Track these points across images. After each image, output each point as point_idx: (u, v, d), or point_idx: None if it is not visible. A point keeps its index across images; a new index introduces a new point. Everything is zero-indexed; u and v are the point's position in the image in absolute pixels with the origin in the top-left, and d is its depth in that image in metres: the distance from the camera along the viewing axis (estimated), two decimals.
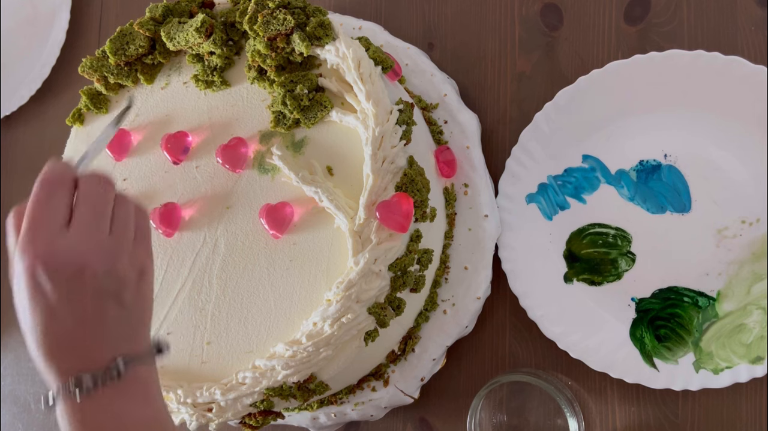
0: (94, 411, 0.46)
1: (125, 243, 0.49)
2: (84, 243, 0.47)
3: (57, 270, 0.46)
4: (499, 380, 0.64)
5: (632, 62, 0.65)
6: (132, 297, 0.49)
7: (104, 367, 0.46)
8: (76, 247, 0.47)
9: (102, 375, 0.46)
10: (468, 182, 0.69)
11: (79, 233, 0.47)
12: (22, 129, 0.98)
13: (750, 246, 0.62)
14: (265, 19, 0.62)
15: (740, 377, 0.60)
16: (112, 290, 0.48)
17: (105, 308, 0.47)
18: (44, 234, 0.46)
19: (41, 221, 0.47)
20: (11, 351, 0.94)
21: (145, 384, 0.49)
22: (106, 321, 0.47)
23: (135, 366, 0.48)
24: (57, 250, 0.46)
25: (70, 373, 0.46)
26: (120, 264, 0.48)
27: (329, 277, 0.61)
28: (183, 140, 0.69)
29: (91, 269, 0.47)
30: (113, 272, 0.48)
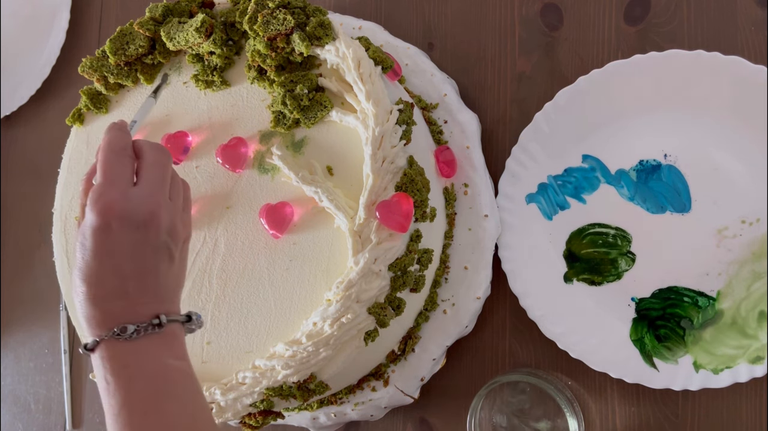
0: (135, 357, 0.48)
1: (179, 208, 0.55)
2: (153, 199, 0.52)
3: (129, 217, 0.50)
4: (499, 380, 0.64)
5: (632, 62, 0.65)
6: (179, 257, 0.54)
7: (148, 319, 0.50)
8: (147, 199, 0.51)
9: (145, 326, 0.49)
10: (468, 182, 0.69)
11: (147, 190, 0.52)
12: (22, 129, 0.98)
13: (750, 246, 0.62)
14: (265, 19, 0.62)
15: (740, 377, 0.60)
16: (168, 246, 0.52)
17: (159, 262, 0.51)
18: (117, 188, 0.51)
19: (113, 175, 0.52)
20: (11, 351, 0.94)
21: (181, 343, 0.52)
22: (157, 275, 0.51)
23: (173, 324, 0.51)
24: (130, 199, 0.51)
25: (116, 320, 0.49)
26: (177, 224, 0.53)
27: (329, 277, 0.61)
28: (183, 139, 0.69)
29: (157, 221, 0.51)
30: (172, 230, 0.52)
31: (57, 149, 0.78)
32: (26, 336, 0.93)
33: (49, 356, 0.91)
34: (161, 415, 0.47)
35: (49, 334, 0.91)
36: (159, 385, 0.48)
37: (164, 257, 0.52)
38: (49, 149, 0.95)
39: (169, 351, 0.50)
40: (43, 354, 0.92)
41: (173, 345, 0.51)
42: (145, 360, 0.49)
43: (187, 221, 0.56)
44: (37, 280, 0.93)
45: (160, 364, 0.49)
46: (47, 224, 0.76)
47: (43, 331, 0.92)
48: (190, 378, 0.51)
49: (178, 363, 0.50)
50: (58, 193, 0.74)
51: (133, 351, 0.49)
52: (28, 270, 0.95)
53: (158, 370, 0.49)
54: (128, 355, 0.48)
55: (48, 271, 0.91)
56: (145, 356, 0.49)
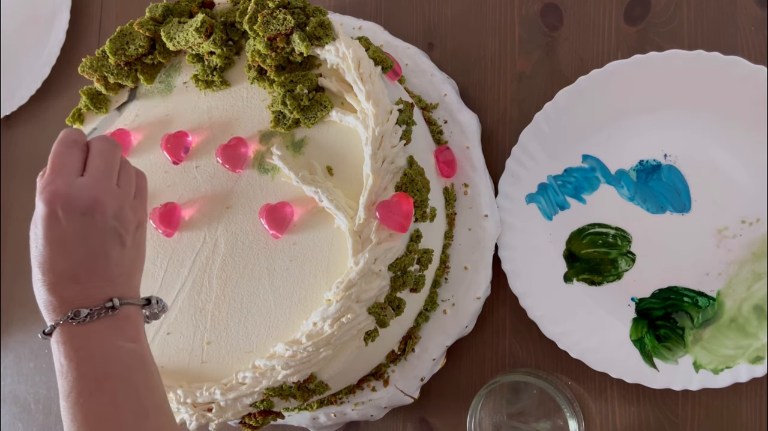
0: (87, 339, 0.51)
1: (128, 196, 0.57)
2: (97, 186, 0.54)
3: (73, 205, 0.52)
4: (499, 380, 0.64)
5: (632, 62, 0.65)
6: (131, 242, 0.55)
7: (101, 302, 0.52)
8: (91, 187, 0.54)
9: (98, 309, 0.51)
10: (468, 182, 0.69)
11: (93, 178, 0.54)
12: (22, 129, 0.98)
13: (750, 246, 0.62)
14: (265, 19, 0.62)
15: (740, 377, 0.60)
16: (117, 230, 0.54)
17: (109, 246, 0.53)
18: (63, 177, 0.53)
19: (60, 168, 0.54)
20: (11, 350, 0.94)
21: (135, 325, 0.54)
22: (108, 258, 0.53)
23: (127, 307, 0.53)
24: (74, 188, 0.53)
25: (70, 305, 0.51)
26: (125, 210, 0.55)
27: (329, 277, 0.61)
28: (183, 140, 0.69)
29: (102, 207, 0.53)
30: (119, 215, 0.54)
31: None
32: (26, 336, 0.93)
33: (49, 356, 0.91)
34: (107, 395, 0.49)
35: None
36: (107, 367, 0.50)
37: (114, 242, 0.54)
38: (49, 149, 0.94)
39: (121, 334, 0.52)
40: (43, 354, 0.92)
41: (126, 328, 0.53)
42: (96, 343, 0.51)
43: (138, 207, 0.57)
44: None
45: (110, 346, 0.51)
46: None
47: None
48: (141, 359, 0.52)
49: (131, 345, 0.52)
50: None
51: (85, 335, 0.51)
52: (28, 270, 0.94)
53: (108, 352, 0.51)
54: (80, 338, 0.51)
55: None
56: (96, 339, 0.51)
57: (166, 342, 0.66)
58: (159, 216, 0.67)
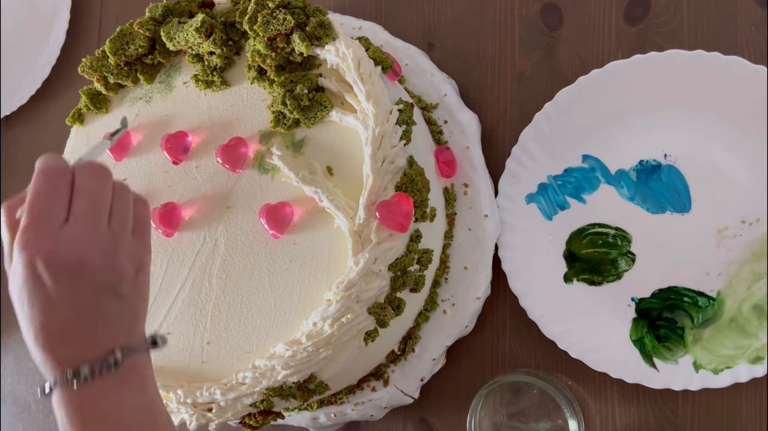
0: (91, 399, 0.46)
1: (123, 237, 0.50)
2: (83, 238, 0.47)
3: (57, 265, 0.46)
4: (499, 380, 0.64)
5: (632, 62, 0.65)
6: (129, 290, 0.50)
7: (102, 358, 0.47)
8: (75, 242, 0.47)
9: (99, 365, 0.47)
10: (468, 182, 0.69)
11: (78, 228, 0.47)
12: (22, 129, 0.98)
13: (750, 246, 0.62)
14: (265, 19, 0.62)
15: (740, 377, 0.60)
16: (110, 283, 0.48)
17: (103, 302, 0.48)
18: (45, 229, 0.46)
19: (41, 215, 0.47)
20: (11, 351, 0.94)
21: (141, 375, 0.49)
22: (105, 314, 0.48)
23: (131, 357, 0.48)
24: (57, 245, 0.46)
25: (68, 363, 0.46)
26: (118, 258, 0.49)
27: (329, 277, 0.61)
28: (183, 139, 0.69)
29: (90, 263, 0.47)
30: (111, 267, 0.48)
31: (57, 149, 0.77)
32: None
33: None
34: None
35: None
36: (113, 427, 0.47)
37: (108, 297, 0.48)
38: (49, 149, 0.94)
39: (127, 389, 0.48)
40: None
41: (132, 381, 0.48)
42: (100, 404, 0.47)
43: (137, 249, 0.51)
44: None
45: (115, 404, 0.47)
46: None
47: None
48: (149, 414, 0.49)
49: (138, 399, 0.48)
50: None
51: (87, 395, 0.46)
52: None
53: (113, 411, 0.47)
54: (83, 399, 0.46)
55: None
56: (99, 399, 0.47)
57: None
58: (159, 216, 0.67)
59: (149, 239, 0.53)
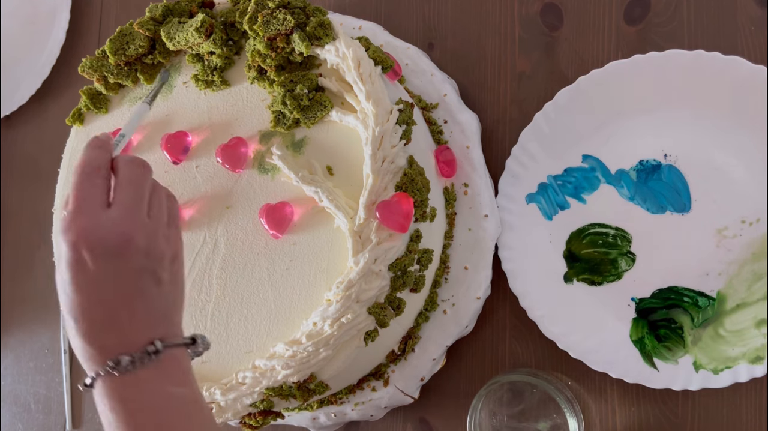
0: (134, 389, 0.46)
1: (161, 226, 0.51)
2: (126, 220, 0.49)
3: (100, 245, 0.47)
4: (499, 380, 0.64)
5: (632, 62, 0.65)
6: (168, 278, 0.50)
7: (142, 347, 0.47)
8: (119, 223, 0.48)
9: (140, 355, 0.47)
10: (468, 182, 0.69)
11: (121, 212, 0.49)
12: (22, 129, 0.98)
13: (750, 246, 0.62)
14: (265, 19, 0.62)
15: (740, 377, 0.60)
16: (151, 268, 0.49)
17: (144, 286, 0.48)
18: (87, 213, 0.48)
19: (84, 201, 0.48)
20: (11, 351, 0.94)
21: (183, 367, 0.50)
22: (145, 300, 0.48)
23: (171, 349, 0.49)
24: (100, 226, 0.48)
25: (109, 353, 0.47)
26: (158, 243, 0.50)
27: (329, 277, 0.61)
28: (183, 139, 0.69)
29: (133, 244, 0.48)
30: (153, 251, 0.49)
31: (57, 149, 0.78)
32: (26, 336, 0.93)
33: (49, 356, 0.91)
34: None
35: (49, 334, 0.91)
36: (160, 418, 0.46)
37: (149, 281, 0.49)
38: (49, 149, 0.95)
39: (169, 379, 0.48)
40: (43, 354, 0.92)
41: (173, 372, 0.48)
42: (144, 393, 0.47)
43: (173, 236, 0.52)
44: (37, 280, 0.93)
45: (160, 395, 0.47)
46: (47, 224, 0.76)
47: (43, 331, 0.92)
48: (193, 404, 0.49)
49: (180, 390, 0.48)
50: (58, 193, 0.74)
51: (131, 384, 0.46)
52: (28, 270, 0.95)
53: (158, 402, 0.47)
54: (126, 389, 0.46)
55: (48, 271, 0.91)
56: (144, 388, 0.47)
57: None
58: None
59: (181, 233, 0.54)
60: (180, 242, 0.54)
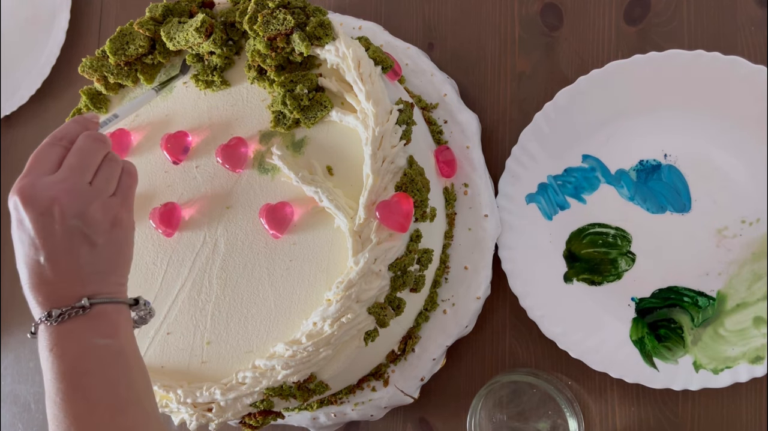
0: (61, 338, 0.51)
1: (101, 194, 0.55)
2: (60, 185, 0.53)
3: (32, 205, 0.52)
4: (499, 380, 0.64)
5: (632, 62, 0.65)
6: (103, 242, 0.54)
7: (71, 302, 0.52)
8: (51, 186, 0.52)
9: (68, 309, 0.51)
10: (468, 181, 0.69)
11: (60, 178, 0.53)
12: (22, 129, 0.98)
13: (750, 246, 0.62)
14: (265, 19, 0.62)
15: (740, 377, 0.60)
16: (81, 230, 0.53)
17: (74, 246, 0.52)
18: (32, 175, 0.53)
19: (34, 166, 0.54)
20: (11, 351, 0.94)
21: (112, 321, 0.53)
22: (76, 259, 0.52)
23: (102, 305, 0.53)
24: (35, 187, 0.52)
25: (45, 306, 0.52)
26: (91, 209, 0.53)
27: (329, 277, 0.61)
28: (183, 139, 0.69)
29: (60, 206, 0.52)
30: (83, 215, 0.53)
31: None
32: (26, 336, 0.93)
33: None
34: (81, 392, 0.50)
35: None
36: (81, 364, 0.50)
37: (80, 242, 0.52)
38: None
39: (95, 331, 0.52)
40: None
41: (101, 325, 0.52)
42: (70, 342, 0.51)
43: (113, 204, 0.55)
44: None
45: (83, 344, 0.51)
46: None
47: None
48: (117, 354, 0.52)
49: (106, 341, 0.52)
50: None
51: (59, 334, 0.51)
52: None
53: (81, 350, 0.51)
54: (54, 338, 0.51)
55: None
56: (70, 338, 0.51)
57: (166, 342, 0.66)
58: (159, 216, 0.67)
59: (130, 203, 0.58)
60: (125, 211, 0.56)
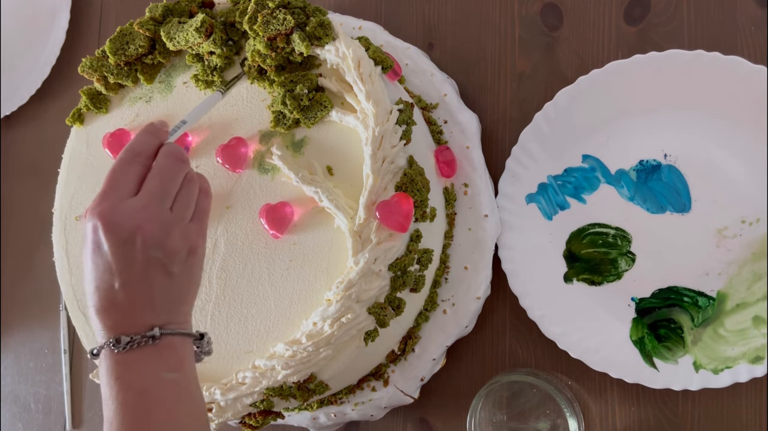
0: (127, 367, 0.49)
1: (182, 220, 0.54)
2: (143, 212, 0.51)
3: (114, 231, 0.50)
4: (499, 380, 0.64)
5: (632, 62, 0.65)
6: (179, 271, 0.53)
7: (142, 331, 0.50)
8: (134, 213, 0.51)
9: (139, 338, 0.50)
10: (468, 181, 0.69)
11: (142, 203, 0.52)
12: (22, 129, 0.98)
13: (750, 246, 0.62)
14: (265, 19, 0.62)
15: (740, 377, 0.60)
16: (161, 260, 0.51)
17: (151, 276, 0.51)
18: (112, 199, 0.52)
19: (113, 187, 0.52)
20: (11, 351, 0.94)
21: (179, 354, 0.52)
22: (152, 288, 0.51)
23: (171, 336, 0.51)
24: (118, 213, 0.51)
25: (114, 331, 0.50)
26: (172, 238, 0.52)
27: (329, 277, 0.61)
28: (183, 139, 0.69)
29: (143, 236, 0.51)
30: (164, 244, 0.51)
31: (57, 149, 0.78)
32: (26, 336, 0.93)
33: (49, 356, 0.91)
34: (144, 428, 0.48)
35: (49, 334, 0.91)
36: (146, 398, 0.49)
37: (158, 272, 0.51)
38: (49, 149, 0.95)
39: (163, 364, 0.50)
40: (43, 354, 0.92)
41: (168, 358, 0.51)
42: (136, 373, 0.49)
43: (192, 232, 0.54)
44: (37, 280, 0.93)
45: (150, 377, 0.50)
46: (47, 224, 0.76)
47: (43, 331, 0.92)
48: (183, 390, 0.51)
49: (173, 375, 0.50)
50: (58, 193, 0.74)
51: (126, 363, 0.49)
52: (28, 270, 0.95)
53: (148, 383, 0.49)
54: (122, 367, 0.49)
55: (48, 271, 0.91)
56: (136, 368, 0.49)
57: None
58: None
59: (206, 228, 0.57)
60: (201, 238, 0.55)
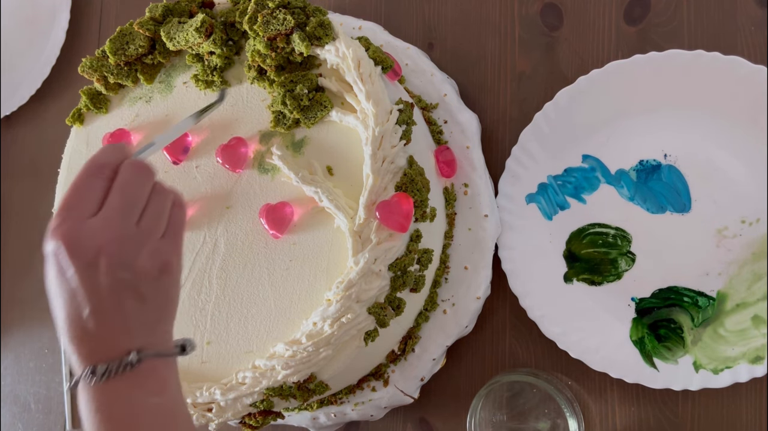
0: (107, 397, 0.46)
1: (150, 237, 0.49)
2: (106, 231, 0.47)
3: (77, 255, 0.46)
4: (499, 380, 0.64)
5: (632, 62, 0.65)
6: (151, 292, 0.48)
7: (118, 358, 0.46)
8: (96, 234, 0.46)
9: (116, 365, 0.46)
10: (468, 182, 0.69)
11: (104, 221, 0.47)
12: (22, 129, 0.98)
13: (750, 246, 0.62)
14: (265, 19, 0.62)
15: (740, 377, 0.60)
16: (129, 282, 0.47)
17: (121, 299, 0.47)
18: (71, 219, 0.47)
19: (71, 206, 0.47)
20: (11, 351, 0.94)
21: (161, 377, 0.48)
22: (123, 312, 0.47)
23: (151, 359, 0.48)
24: (79, 235, 0.46)
25: (89, 360, 0.46)
26: (139, 257, 0.48)
27: (329, 277, 0.61)
28: (183, 139, 0.69)
29: (107, 257, 0.46)
30: (130, 265, 0.47)
31: (57, 149, 0.78)
32: (26, 336, 0.93)
33: (49, 356, 0.91)
34: None
35: (49, 334, 0.91)
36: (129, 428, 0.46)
37: (127, 295, 0.47)
38: (49, 149, 0.95)
39: (145, 389, 0.47)
40: (43, 354, 0.92)
41: (150, 382, 0.47)
42: (118, 402, 0.46)
43: (163, 249, 0.49)
44: (37, 280, 0.93)
45: (134, 405, 0.47)
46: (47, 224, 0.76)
47: (43, 331, 0.92)
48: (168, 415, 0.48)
49: (156, 400, 0.48)
50: (58, 193, 0.74)
51: (105, 392, 0.46)
52: (28, 270, 0.95)
53: (131, 411, 0.47)
54: (102, 396, 0.46)
55: None
56: (118, 397, 0.46)
57: None
58: None
59: (180, 243, 0.52)
60: (174, 254, 0.50)
